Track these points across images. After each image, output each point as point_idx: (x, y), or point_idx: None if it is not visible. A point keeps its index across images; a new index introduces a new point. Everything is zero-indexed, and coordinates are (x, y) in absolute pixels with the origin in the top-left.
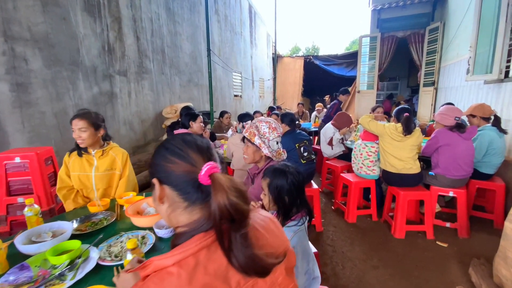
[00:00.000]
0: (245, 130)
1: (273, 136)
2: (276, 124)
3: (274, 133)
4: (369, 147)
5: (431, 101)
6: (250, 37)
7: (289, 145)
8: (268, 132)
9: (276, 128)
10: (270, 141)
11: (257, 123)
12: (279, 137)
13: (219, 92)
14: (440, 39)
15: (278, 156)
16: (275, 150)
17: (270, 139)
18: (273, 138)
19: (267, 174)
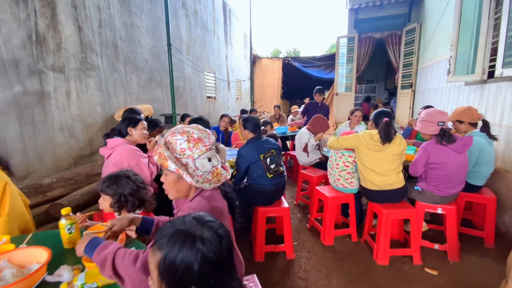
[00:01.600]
0: (154, 152)
1: (199, 152)
2: (202, 132)
3: (200, 147)
4: (346, 156)
5: (409, 103)
6: (225, 36)
7: (253, 156)
8: (188, 148)
9: (202, 139)
10: (195, 160)
11: (169, 138)
12: (211, 150)
13: (189, 93)
14: (417, 41)
15: (216, 178)
16: (207, 171)
17: (196, 158)
18: (199, 154)
19: (159, 243)
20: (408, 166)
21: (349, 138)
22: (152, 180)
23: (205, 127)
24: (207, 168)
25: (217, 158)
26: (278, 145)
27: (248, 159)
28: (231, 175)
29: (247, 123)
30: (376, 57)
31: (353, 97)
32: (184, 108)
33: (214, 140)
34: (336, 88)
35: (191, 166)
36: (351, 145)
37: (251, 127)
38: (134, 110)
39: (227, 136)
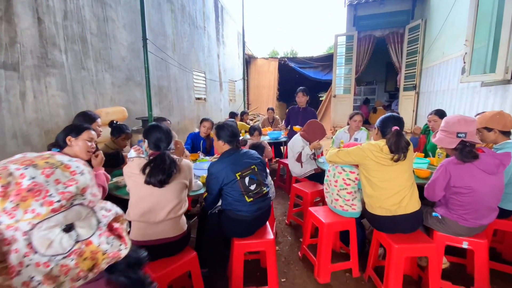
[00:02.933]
0: None
1: (33, 218)
2: (49, 171)
3: (35, 206)
4: (347, 172)
5: (413, 106)
6: (217, 34)
7: (226, 175)
8: (3, 212)
9: (43, 189)
10: (30, 233)
11: None
12: (72, 208)
13: (174, 94)
14: (421, 38)
15: (87, 263)
16: (61, 253)
17: (28, 229)
18: (34, 223)
19: None
20: None
21: (352, 152)
22: None
23: (163, 136)
24: (58, 248)
25: (92, 222)
26: (261, 159)
27: (220, 179)
28: (203, 198)
29: (220, 132)
30: (376, 57)
31: (351, 99)
32: (168, 110)
33: (84, 183)
34: (334, 90)
35: (19, 248)
36: (355, 160)
37: (226, 137)
38: (87, 114)
39: (209, 144)
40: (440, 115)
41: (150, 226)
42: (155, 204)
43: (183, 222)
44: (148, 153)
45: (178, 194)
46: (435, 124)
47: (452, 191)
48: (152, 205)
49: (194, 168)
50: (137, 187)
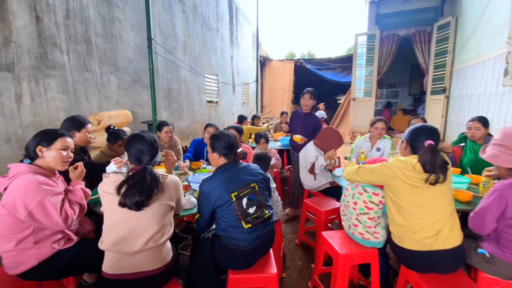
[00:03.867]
0: None
1: None
2: None
3: None
4: (369, 193)
5: (442, 111)
6: (230, 35)
7: (220, 195)
8: None
9: None
10: None
11: None
12: None
13: (184, 97)
14: (452, 37)
15: None
16: None
17: None
18: None
19: None
20: None
21: (375, 170)
22: (72, 222)
23: (146, 148)
24: None
25: None
26: (264, 175)
27: (213, 200)
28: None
29: (215, 143)
30: (400, 58)
31: (373, 103)
32: (178, 113)
33: None
34: (353, 92)
35: None
36: (380, 180)
37: (222, 149)
38: (75, 119)
39: None
40: (484, 122)
41: (124, 257)
42: (130, 231)
43: (167, 251)
44: (130, 167)
45: (160, 218)
46: (477, 133)
47: (507, 223)
48: (127, 232)
49: (191, 180)
50: (111, 210)
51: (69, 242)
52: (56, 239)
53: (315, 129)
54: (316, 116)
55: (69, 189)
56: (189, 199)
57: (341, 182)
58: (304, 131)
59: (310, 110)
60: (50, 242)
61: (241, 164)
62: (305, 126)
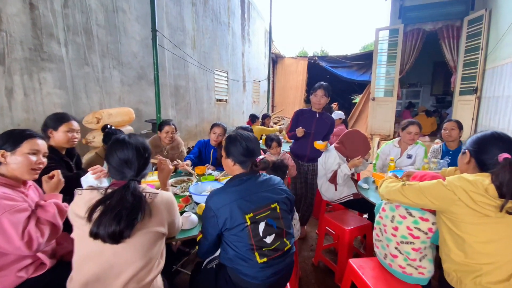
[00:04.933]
0: None
1: None
2: None
3: None
4: (415, 218)
5: (472, 114)
6: (242, 31)
7: (231, 214)
8: None
9: None
10: None
11: None
12: None
13: (192, 94)
14: (485, 32)
15: None
16: None
17: None
18: None
19: None
20: None
21: (428, 190)
22: (39, 247)
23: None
24: None
25: None
26: (288, 193)
27: (221, 221)
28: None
29: (231, 146)
30: (422, 55)
31: (394, 103)
32: (185, 111)
33: None
34: (373, 91)
35: None
36: (436, 204)
37: (238, 155)
38: (55, 115)
39: (220, 154)
40: None
41: None
42: (106, 269)
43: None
44: (111, 180)
45: (146, 251)
46: None
47: None
48: (101, 269)
49: (193, 192)
50: (82, 239)
51: (40, 268)
52: (22, 265)
53: (329, 132)
54: (332, 117)
55: (40, 204)
56: (188, 217)
57: (371, 197)
58: (318, 135)
59: (323, 110)
60: (15, 269)
61: (261, 176)
62: (320, 129)
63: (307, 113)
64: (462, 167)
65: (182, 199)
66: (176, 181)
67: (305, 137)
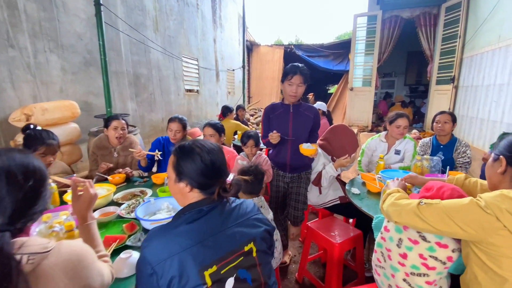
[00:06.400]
0: None
1: None
2: None
3: None
4: (431, 244)
5: (449, 104)
6: (213, 15)
7: (183, 272)
8: None
9: None
10: None
11: None
12: None
13: (157, 84)
14: (463, 20)
15: None
16: None
17: None
18: None
19: None
20: None
21: (459, 213)
22: None
23: None
24: None
25: None
26: (268, 223)
27: (165, 282)
28: None
29: (185, 162)
30: (396, 45)
31: (372, 93)
32: (149, 104)
33: None
34: (350, 81)
35: None
36: (469, 233)
37: (197, 175)
38: None
39: None
40: None
41: None
42: None
43: None
44: None
45: None
46: None
47: None
48: None
49: (139, 214)
50: None
51: None
52: None
53: (315, 127)
54: (314, 107)
55: None
56: (126, 259)
57: (365, 207)
58: (300, 135)
59: (299, 101)
60: None
61: (230, 203)
62: (300, 126)
63: (279, 108)
64: (494, 178)
65: (125, 226)
66: (125, 196)
67: (283, 141)
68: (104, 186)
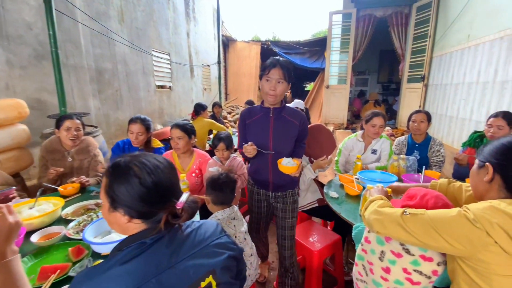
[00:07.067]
0: None
1: None
2: None
3: None
4: (415, 257)
5: (419, 101)
6: (186, 7)
7: None
8: None
9: None
10: None
11: None
12: None
13: (123, 80)
14: (433, 20)
15: None
16: None
17: None
18: None
19: None
20: None
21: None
22: None
23: None
24: None
25: None
26: (233, 247)
27: None
28: None
29: (119, 186)
30: (369, 43)
31: (347, 91)
32: (114, 101)
33: None
34: (326, 79)
35: None
36: (457, 249)
37: (135, 201)
38: None
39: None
40: (509, 119)
41: None
42: None
43: None
44: None
45: None
46: (499, 133)
47: None
48: None
49: (86, 236)
50: None
51: None
52: None
53: (301, 137)
54: (297, 110)
55: None
56: None
57: (344, 212)
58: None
59: (282, 103)
60: None
61: (183, 230)
62: (283, 136)
63: (258, 112)
64: (480, 187)
65: (70, 250)
66: (76, 211)
67: (262, 154)
68: (50, 200)
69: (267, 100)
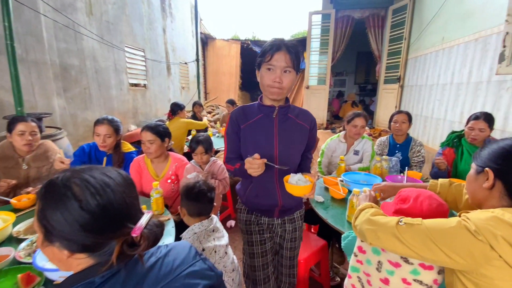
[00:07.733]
0: None
1: None
2: None
3: None
4: (414, 266)
5: (395, 102)
6: (162, 2)
7: None
8: None
9: None
10: None
11: None
12: None
13: (92, 77)
14: (408, 22)
15: None
16: None
17: None
18: None
19: None
20: None
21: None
22: None
23: None
24: None
25: None
26: (205, 273)
27: None
28: None
29: (55, 213)
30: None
31: (327, 91)
32: (82, 101)
33: None
34: (306, 79)
35: None
36: (458, 263)
37: (76, 232)
38: None
39: (118, 160)
40: (489, 121)
41: None
42: None
43: None
44: None
45: None
46: (481, 136)
47: None
48: None
49: (38, 262)
50: None
51: None
52: None
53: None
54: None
55: None
56: None
57: (330, 218)
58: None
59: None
60: None
61: (145, 261)
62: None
63: (255, 112)
64: (479, 193)
65: (20, 277)
66: (29, 228)
67: (267, 171)
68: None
69: (270, 95)
